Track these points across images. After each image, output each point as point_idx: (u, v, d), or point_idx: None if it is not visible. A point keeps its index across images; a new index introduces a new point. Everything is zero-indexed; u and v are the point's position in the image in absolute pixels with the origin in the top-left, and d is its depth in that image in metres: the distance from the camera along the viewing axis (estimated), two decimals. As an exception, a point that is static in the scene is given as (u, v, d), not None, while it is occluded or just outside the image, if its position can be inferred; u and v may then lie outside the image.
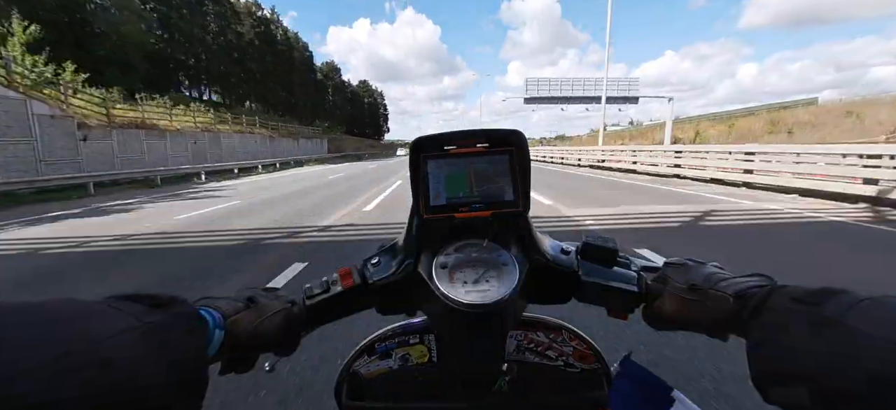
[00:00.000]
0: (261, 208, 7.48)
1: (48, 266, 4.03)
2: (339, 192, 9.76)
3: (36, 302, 0.21)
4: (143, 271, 3.76)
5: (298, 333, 0.43)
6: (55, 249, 4.68)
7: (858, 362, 0.23)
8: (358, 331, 0.67)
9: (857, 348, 0.23)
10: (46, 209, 8.23)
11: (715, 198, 7.31)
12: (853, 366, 0.23)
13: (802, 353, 0.26)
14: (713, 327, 0.37)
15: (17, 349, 0.19)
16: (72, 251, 4.58)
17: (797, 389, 0.26)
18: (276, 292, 0.44)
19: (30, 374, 0.18)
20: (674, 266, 0.43)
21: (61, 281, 3.49)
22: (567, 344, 0.60)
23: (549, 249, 0.46)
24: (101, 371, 0.21)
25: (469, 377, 0.52)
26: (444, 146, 0.43)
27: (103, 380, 0.21)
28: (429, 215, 0.42)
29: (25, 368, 0.18)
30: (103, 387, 0.21)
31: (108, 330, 0.23)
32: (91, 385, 0.20)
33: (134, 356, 0.23)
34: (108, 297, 0.26)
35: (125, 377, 0.22)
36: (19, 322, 0.20)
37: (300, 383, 1.71)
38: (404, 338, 0.61)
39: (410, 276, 0.44)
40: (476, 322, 0.39)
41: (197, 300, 0.37)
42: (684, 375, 1.72)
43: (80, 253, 4.47)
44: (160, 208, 8.10)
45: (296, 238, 4.85)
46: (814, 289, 0.28)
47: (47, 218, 6.99)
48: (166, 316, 0.27)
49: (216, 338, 0.34)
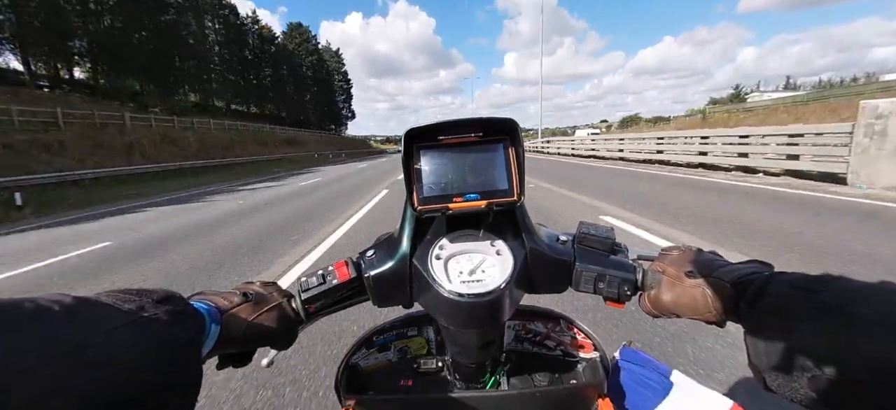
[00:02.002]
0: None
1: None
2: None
3: (28, 298, 0.21)
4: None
5: (295, 326, 0.43)
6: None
7: (857, 349, 0.23)
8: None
9: (857, 335, 0.23)
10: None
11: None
12: (852, 353, 0.23)
13: (801, 340, 0.26)
14: (711, 314, 0.37)
15: (10, 345, 0.19)
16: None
17: (796, 376, 0.26)
18: (273, 286, 0.44)
19: (22, 370, 0.18)
20: (670, 253, 0.43)
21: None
22: (565, 333, 0.60)
23: (545, 238, 0.46)
24: (92, 366, 0.21)
25: (468, 367, 0.52)
26: (437, 136, 0.42)
27: (95, 375, 0.21)
28: (422, 206, 0.42)
29: (19, 365, 0.18)
30: (94, 382, 0.21)
31: (100, 324, 0.23)
32: (83, 380, 0.20)
33: (125, 350, 0.23)
34: (100, 292, 0.26)
35: (117, 372, 0.22)
36: (11, 318, 0.19)
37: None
38: (402, 331, 0.61)
39: (406, 268, 0.44)
40: (473, 312, 0.39)
41: (192, 295, 0.36)
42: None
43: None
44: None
45: None
46: (813, 276, 0.28)
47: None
48: (159, 311, 0.27)
49: (212, 333, 0.34)
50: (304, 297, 0.44)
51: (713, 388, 0.46)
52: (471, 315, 0.39)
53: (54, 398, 0.19)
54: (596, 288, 0.44)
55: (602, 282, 0.43)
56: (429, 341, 0.61)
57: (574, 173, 10.77)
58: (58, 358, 0.19)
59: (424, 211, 0.42)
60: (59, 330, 0.21)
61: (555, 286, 0.45)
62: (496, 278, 0.40)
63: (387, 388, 0.58)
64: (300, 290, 0.44)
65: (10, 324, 0.19)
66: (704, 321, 0.38)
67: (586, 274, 0.44)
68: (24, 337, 0.19)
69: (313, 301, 0.44)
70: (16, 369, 0.18)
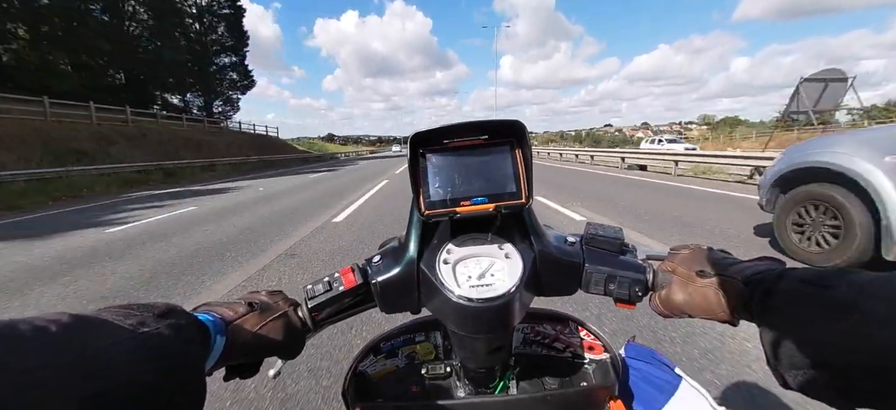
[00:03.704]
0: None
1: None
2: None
3: (30, 318, 0.21)
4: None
5: (303, 335, 0.43)
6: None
7: (874, 341, 0.23)
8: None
9: (873, 327, 0.23)
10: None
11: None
12: (869, 346, 0.23)
13: (817, 336, 0.26)
14: (724, 313, 0.36)
15: (13, 366, 0.18)
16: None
17: (814, 372, 0.25)
18: (279, 294, 0.44)
19: (26, 389, 0.18)
20: (680, 253, 0.43)
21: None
22: (575, 335, 0.59)
23: (553, 240, 0.46)
24: (96, 383, 0.21)
25: (476, 373, 0.52)
26: (442, 140, 0.42)
27: (98, 392, 0.21)
28: (430, 211, 0.41)
29: (21, 384, 0.18)
30: (99, 399, 0.21)
31: (103, 340, 0.23)
32: (86, 397, 0.20)
33: (129, 366, 0.23)
34: (100, 309, 0.26)
35: (121, 387, 0.22)
36: (14, 337, 0.19)
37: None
38: (410, 336, 0.61)
39: (413, 273, 0.43)
40: (482, 317, 0.38)
41: (196, 307, 0.36)
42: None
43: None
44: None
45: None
46: (824, 271, 0.28)
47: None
48: (161, 325, 0.27)
49: (218, 344, 0.33)
50: (310, 305, 0.43)
51: (714, 388, 0.47)
52: (480, 319, 0.39)
53: (48, 407, 0.19)
54: (606, 289, 0.43)
55: (612, 283, 0.43)
56: (436, 346, 0.61)
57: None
58: (58, 376, 0.19)
59: (432, 216, 0.41)
60: (59, 347, 0.20)
61: (564, 288, 0.45)
62: (506, 282, 0.39)
63: (395, 395, 0.58)
64: (306, 298, 0.44)
65: (11, 343, 0.19)
66: (717, 320, 0.37)
67: (596, 276, 0.43)
68: (24, 355, 0.19)
69: (320, 309, 0.44)
70: (16, 389, 0.18)
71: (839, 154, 2.66)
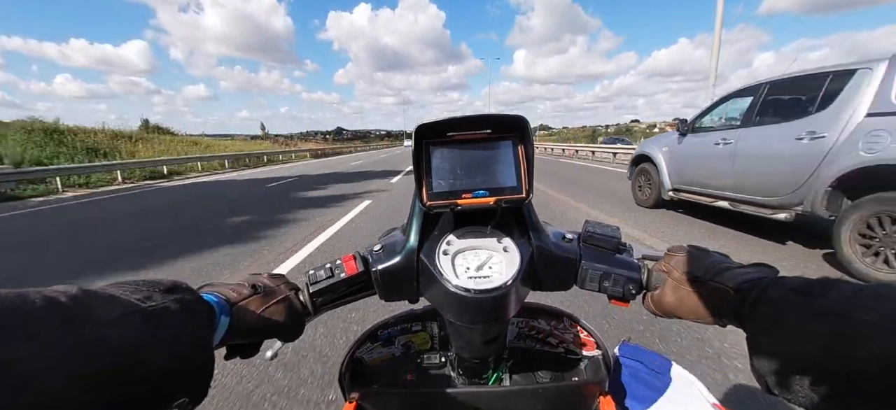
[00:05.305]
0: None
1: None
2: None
3: (35, 290, 0.21)
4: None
5: (303, 319, 0.44)
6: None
7: (859, 352, 0.23)
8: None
9: (858, 338, 0.23)
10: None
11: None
12: (854, 356, 0.23)
13: (803, 344, 0.26)
14: (714, 317, 0.37)
15: (20, 336, 0.19)
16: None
17: (798, 379, 0.26)
18: (281, 278, 0.44)
19: (33, 360, 0.18)
20: (676, 255, 0.43)
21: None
22: (568, 331, 0.60)
23: (551, 236, 0.46)
24: (104, 356, 0.21)
25: (471, 363, 0.53)
26: (446, 132, 0.43)
27: (107, 365, 0.21)
28: (431, 202, 0.42)
29: (29, 354, 0.18)
30: (107, 372, 0.21)
31: (111, 314, 0.23)
32: (95, 370, 0.20)
33: (137, 340, 0.24)
34: (108, 284, 0.27)
35: (129, 361, 0.23)
36: (21, 309, 0.19)
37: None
38: (407, 325, 0.62)
39: (413, 263, 0.44)
40: (479, 307, 0.39)
41: (201, 286, 0.37)
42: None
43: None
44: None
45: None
46: (814, 280, 0.29)
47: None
48: (167, 300, 0.28)
49: (222, 324, 0.34)
50: (312, 290, 0.44)
51: (712, 387, 0.45)
52: (477, 310, 0.39)
53: (62, 389, 0.19)
54: (601, 286, 0.44)
55: (607, 281, 0.44)
56: (433, 336, 0.62)
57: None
58: (66, 349, 0.20)
59: (433, 207, 0.42)
60: (67, 320, 0.21)
61: (560, 283, 0.46)
62: (503, 274, 0.40)
63: (390, 382, 0.59)
64: (308, 283, 0.45)
65: (19, 314, 0.19)
66: (707, 323, 0.38)
67: (592, 273, 0.44)
68: (32, 327, 0.19)
69: (321, 294, 0.44)
70: (23, 358, 0.18)
71: (648, 146, 5.42)
